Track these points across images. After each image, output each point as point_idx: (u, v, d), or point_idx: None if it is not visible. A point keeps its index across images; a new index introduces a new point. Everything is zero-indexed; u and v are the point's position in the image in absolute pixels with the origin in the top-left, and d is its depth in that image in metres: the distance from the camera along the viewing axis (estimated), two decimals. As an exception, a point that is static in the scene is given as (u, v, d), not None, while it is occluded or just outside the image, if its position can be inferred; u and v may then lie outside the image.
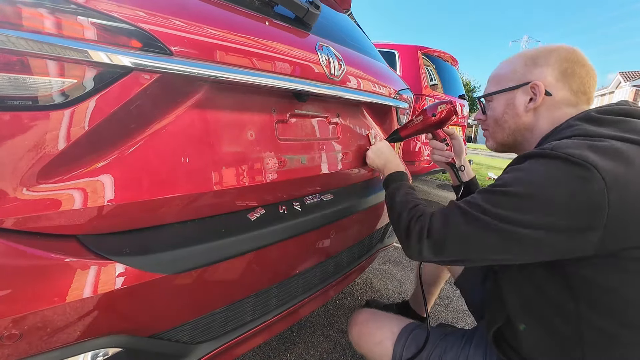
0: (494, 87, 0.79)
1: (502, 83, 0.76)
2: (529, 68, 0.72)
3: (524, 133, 0.75)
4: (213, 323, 0.73)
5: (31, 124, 0.45)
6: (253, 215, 0.74)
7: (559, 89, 0.69)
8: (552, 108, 0.70)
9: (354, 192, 1.07)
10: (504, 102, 0.76)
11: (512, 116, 0.75)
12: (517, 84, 0.73)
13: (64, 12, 0.45)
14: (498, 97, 0.77)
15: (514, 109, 0.74)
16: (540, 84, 0.69)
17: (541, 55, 0.71)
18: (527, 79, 0.71)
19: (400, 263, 2.10)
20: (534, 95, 0.70)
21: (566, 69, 0.68)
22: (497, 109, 0.78)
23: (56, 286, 0.47)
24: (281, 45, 0.77)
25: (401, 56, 3.32)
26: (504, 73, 0.77)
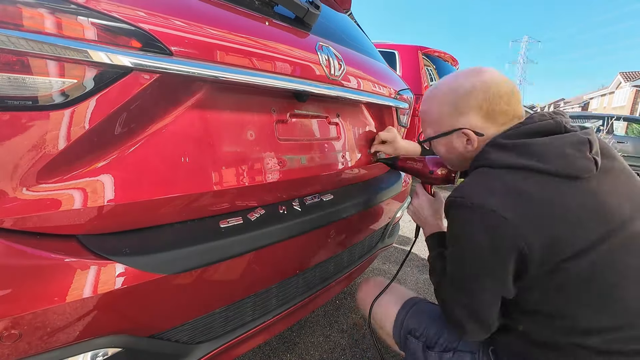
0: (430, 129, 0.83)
1: (435, 128, 0.81)
2: (453, 116, 0.75)
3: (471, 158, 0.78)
4: (213, 323, 0.73)
5: (31, 124, 0.45)
6: (253, 215, 0.74)
7: (488, 128, 0.73)
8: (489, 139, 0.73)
9: (354, 192, 1.07)
10: (444, 145, 0.81)
11: (455, 155, 0.81)
12: (449, 130, 0.77)
13: (64, 12, 0.45)
14: (436, 140, 0.82)
15: (455, 150, 0.79)
16: (469, 131, 0.73)
17: (460, 101, 0.74)
18: (455, 126, 0.76)
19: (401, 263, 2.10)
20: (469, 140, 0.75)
21: (487, 111, 0.72)
22: (439, 149, 0.84)
23: (56, 286, 0.47)
24: (281, 45, 0.77)
25: (401, 56, 3.32)
26: (435, 119, 0.80)
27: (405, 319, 0.87)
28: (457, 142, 0.77)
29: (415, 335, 0.84)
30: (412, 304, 0.90)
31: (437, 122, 0.80)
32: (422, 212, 0.96)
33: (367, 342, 1.34)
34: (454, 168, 0.90)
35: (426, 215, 0.95)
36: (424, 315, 0.87)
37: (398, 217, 1.44)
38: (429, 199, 0.97)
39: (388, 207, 1.24)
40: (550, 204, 0.60)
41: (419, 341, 0.83)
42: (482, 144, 0.74)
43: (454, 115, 0.75)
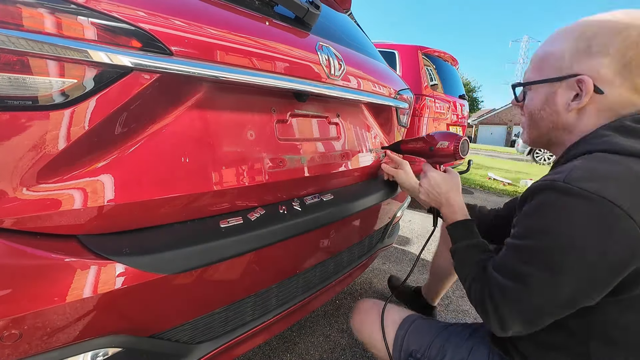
0: (534, 73, 0.65)
1: (544, 70, 0.62)
2: (579, 56, 0.57)
3: (562, 134, 0.63)
4: (213, 323, 0.73)
5: (31, 124, 0.45)
6: (253, 215, 0.74)
7: (616, 86, 0.55)
8: (604, 109, 0.57)
9: (354, 192, 1.07)
10: (543, 96, 0.63)
11: (549, 114, 0.63)
12: (560, 76, 0.59)
13: (64, 12, 0.45)
14: (536, 88, 0.64)
15: (553, 106, 0.61)
16: (588, 79, 0.55)
17: (601, 37, 0.55)
18: (573, 71, 0.57)
19: (401, 263, 2.10)
20: (580, 92, 0.57)
21: (630, 61, 0.53)
22: (534, 101, 0.65)
23: (56, 286, 0.47)
24: (281, 45, 0.77)
25: (401, 56, 3.32)
26: (549, 56, 0.62)
27: (404, 341, 0.81)
28: (562, 97, 0.59)
29: (417, 357, 0.78)
30: (410, 323, 0.84)
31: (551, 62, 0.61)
32: (440, 189, 0.82)
33: (367, 342, 1.34)
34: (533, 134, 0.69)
35: (443, 192, 0.81)
36: (423, 334, 0.81)
37: (398, 217, 1.45)
38: (441, 174, 0.84)
39: (388, 207, 1.24)
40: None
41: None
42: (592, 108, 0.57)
43: (580, 54, 0.57)
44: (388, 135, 1.32)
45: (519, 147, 10.97)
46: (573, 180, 0.49)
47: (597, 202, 0.46)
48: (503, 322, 0.57)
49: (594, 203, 0.46)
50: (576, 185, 0.48)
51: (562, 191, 0.50)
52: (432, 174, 0.85)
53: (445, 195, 0.82)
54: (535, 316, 0.55)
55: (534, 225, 0.54)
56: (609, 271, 0.48)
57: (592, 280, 0.49)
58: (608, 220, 0.46)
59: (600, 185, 0.47)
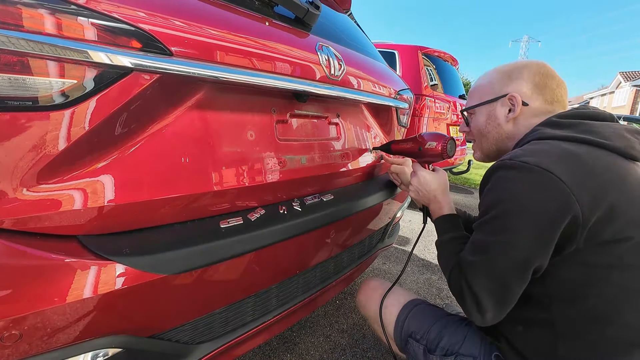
0: (475, 100, 0.83)
1: (482, 96, 0.82)
2: (505, 82, 0.77)
3: (506, 142, 0.79)
4: (213, 323, 0.73)
5: (31, 125, 0.45)
6: (253, 216, 0.74)
7: (534, 100, 0.74)
8: (530, 117, 0.74)
9: (354, 192, 1.07)
10: (486, 114, 0.81)
11: (494, 126, 0.79)
12: (495, 96, 0.78)
13: (64, 12, 0.45)
14: (480, 109, 0.82)
15: (495, 120, 0.79)
16: (517, 95, 0.74)
17: (515, 70, 0.77)
18: (504, 92, 0.77)
19: (401, 263, 2.10)
20: (512, 106, 0.75)
21: (538, 82, 0.74)
22: (479, 120, 0.83)
23: (56, 286, 0.47)
24: (281, 46, 0.77)
25: (401, 56, 3.31)
26: (483, 87, 0.82)
27: (406, 322, 0.87)
28: (500, 111, 0.77)
29: (416, 339, 0.83)
30: (413, 306, 0.89)
31: (484, 90, 0.81)
32: (428, 187, 0.90)
33: (367, 342, 1.34)
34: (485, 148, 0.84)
35: (432, 190, 0.89)
36: (424, 317, 0.86)
37: (398, 217, 1.44)
38: (431, 173, 0.92)
39: (388, 207, 1.24)
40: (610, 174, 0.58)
41: (420, 344, 0.82)
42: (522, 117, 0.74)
43: (504, 81, 0.77)
44: (388, 135, 1.32)
45: None
46: (515, 157, 0.62)
47: (535, 171, 0.58)
48: (478, 303, 0.63)
49: (533, 171, 0.58)
50: (518, 160, 0.60)
51: (508, 166, 0.62)
52: (421, 172, 0.93)
53: (433, 192, 0.90)
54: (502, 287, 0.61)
55: (490, 200, 0.65)
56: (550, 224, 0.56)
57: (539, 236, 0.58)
58: (544, 183, 0.57)
59: (537, 158, 0.59)
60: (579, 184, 0.55)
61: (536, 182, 0.57)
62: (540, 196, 0.57)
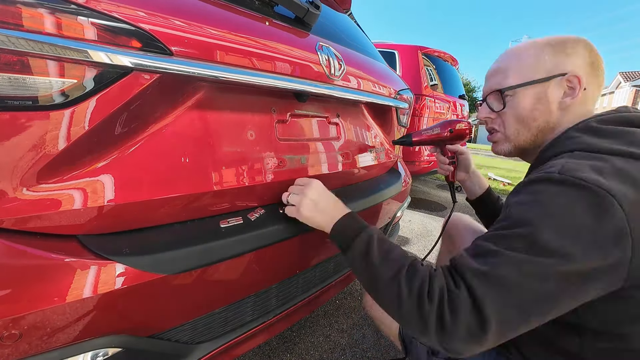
0: (515, 78, 0.65)
1: (525, 74, 0.64)
2: (559, 57, 0.62)
3: (548, 134, 0.65)
4: (213, 323, 0.73)
5: (31, 124, 0.45)
6: (253, 215, 0.74)
7: (590, 84, 0.61)
8: (582, 104, 0.62)
9: (354, 192, 1.07)
10: (533, 97, 0.64)
11: (542, 112, 0.64)
12: (549, 75, 0.62)
13: (64, 12, 0.45)
14: (523, 90, 0.65)
15: (547, 104, 0.63)
16: (580, 76, 0.60)
17: (568, 43, 0.62)
18: (560, 70, 0.61)
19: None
20: (570, 90, 0.61)
21: (593, 61, 0.61)
22: (522, 104, 0.65)
23: (56, 286, 0.47)
24: (281, 45, 0.77)
25: (401, 56, 3.32)
26: (526, 63, 0.65)
27: None
28: (554, 93, 0.62)
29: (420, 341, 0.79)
30: None
31: (529, 66, 0.64)
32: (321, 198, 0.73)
33: (367, 342, 1.34)
34: (521, 139, 0.69)
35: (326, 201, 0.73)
36: None
37: (398, 217, 1.44)
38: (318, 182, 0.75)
39: (388, 207, 1.24)
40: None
41: (424, 345, 0.79)
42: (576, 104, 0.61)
43: (560, 56, 0.61)
44: (388, 135, 1.32)
45: None
46: (568, 171, 0.50)
47: (594, 190, 0.47)
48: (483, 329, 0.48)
49: (590, 191, 0.47)
50: (571, 175, 0.49)
51: (559, 181, 0.50)
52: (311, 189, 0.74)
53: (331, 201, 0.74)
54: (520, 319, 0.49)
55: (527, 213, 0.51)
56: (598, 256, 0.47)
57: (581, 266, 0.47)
58: (604, 208, 0.46)
59: (594, 175, 0.48)
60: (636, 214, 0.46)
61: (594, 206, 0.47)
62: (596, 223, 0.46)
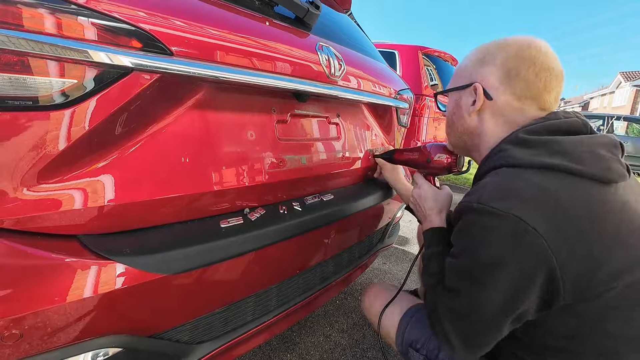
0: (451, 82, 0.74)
1: (456, 80, 0.72)
2: (476, 66, 0.66)
3: (472, 138, 0.70)
4: (213, 323, 0.73)
5: (32, 124, 0.45)
6: (253, 215, 0.74)
7: (501, 93, 0.63)
8: (497, 114, 0.65)
9: (354, 192, 1.07)
10: (453, 101, 0.72)
11: (458, 117, 0.71)
12: (464, 84, 0.69)
13: (64, 12, 0.45)
14: (451, 95, 0.73)
15: (460, 111, 0.70)
16: (479, 86, 0.64)
17: (492, 51, 0.65)
18: (472, 79, 0.67)
19: (401, 263, 2.10)
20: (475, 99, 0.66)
21: (510, 70, 0.61)
22: (448, 107, 0.74)
23: (57, 286, 0.47)
24: (281, 46, 0.77)
25: (401, 56, 3.32)
26: (459, 69, 0.72)
27: (407, 330, 0.82)
28: (465, 101, 0.68)
29: (416, 348, 0.79)
30: (413, 313, 0.85)
31: (459, 73, 0.71)
32: (425, 203, 0.84)
33: (367, 342, 1.34)
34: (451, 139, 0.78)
35: (428, 207, 0.83)
36: (424, 326, 0.81)
37: (398, 217, 1.45)
38: (433, 189, 0.85)
39: (388, 207, 1.24)
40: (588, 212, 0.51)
41: (420, 354, 0.78)
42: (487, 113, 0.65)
43: (476, 65, 0.67)
44: (388, 135, 1.32)
45: None
46: (484, 200, 0.55)
47: (506, 219, 0.52)
48: (447, 338, 0.62)
49: (503, 220, 0.52)
50: (488, 205, 0.54)
51: (477, 211, 0.56)
52: (425, 187, 0.86)
53: (429, 212, 0.84)
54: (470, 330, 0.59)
55: (461, 244, 0.61)
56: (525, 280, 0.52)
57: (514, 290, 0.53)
58: (518, 236, 0.51)
59: (507, 203, 0.52)
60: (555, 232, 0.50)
61: (509, 234, 0.51)
62: (514, 250, 0.51)
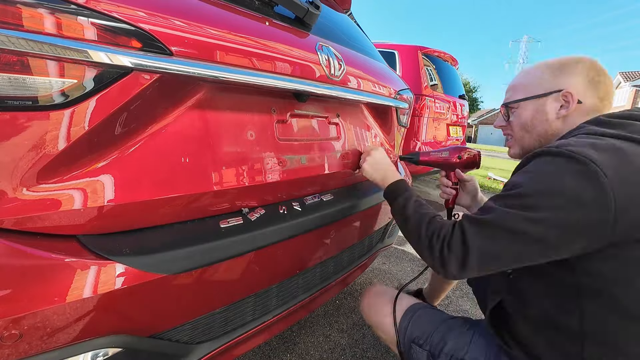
0: (520, 94, 0.79)
1: (529, 90, 0.78)
2: (557, 77, 0.74)
3: (551, 139, 0.76)
4: (213, 323, 0.73)
5: (31, 124, 0.45)
6: (253, 215, 0.74)
7: (588, 97, 0.71)
8: (582, 115, 0.72)
9: (354, 192, 1.07)
10: (533, 109, 0.77)
11: (541, 122, 0.76)
12: (546, 92, 0.75)
13: (64, 12, 0.45)
14: (526, 104, 0.78)
15: (544, 115, 0.75)
16: (574, 92, 0.71)
17: (568, 64, 0.74)
18: (557, 87, 0.73)
19: (401, 263, 2.10)
20: (566, 103, 0.72)
21: (593, 78, 0.71)
22: (523, 115, 0.79)
23: (56, 286, 0.47)
24: (281, 46, 0.77)
25: (401, 56, 3.32)
26: (530, 81, 0.78)
27: (409, 327, 0.85)
28: (550, 107, 0.74)
29: (419, 344, 0.82)
30: (414, 311, 0.88)
31: (533, 84, 0.77)
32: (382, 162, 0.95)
33: (367, 341, 1.34)
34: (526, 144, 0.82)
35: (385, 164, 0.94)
36: (426, 322, 0.85)
37: (398, 217, 1.44)
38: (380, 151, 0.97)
39: (388, 207, 1.24)
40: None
41: (424, 350, 0.81)
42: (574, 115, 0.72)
43: (557, 75, 0.74)
44: (388, 135, 1.32)
45: None
46: (563, 145, 0.60)
47: (581, 161, 0.56)
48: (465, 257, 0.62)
49: (579, 161, 0.56)
50: (565, 149, 0.59)
51: (554, 153, 0.60)
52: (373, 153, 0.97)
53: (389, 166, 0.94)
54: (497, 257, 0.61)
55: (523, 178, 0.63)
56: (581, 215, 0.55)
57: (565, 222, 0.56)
58: (587, 174, 0.55)
59: (584, 149, 0.57)
60: (621, 181, 0.54)
61: (579, 172, 0.55)
62: (579, 185, 0.55)
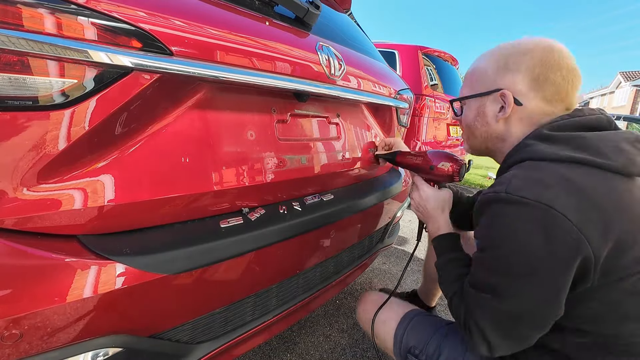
0: (467, 89, 0.74)
1: (474, 86, 0.72)
2: (499, 73, 0.67)
3: (496, 142, 0.72)
4: (213, 323, 0.73)
5: (32, 124, 0.45)
6: (253, 215, 0.74)
7: (531, 99, 0.64)
8: (525, 118, 0.66)
9: (354, 192, 1.07)
10: (475, 109, 0.72)
11: (482, 124, 0.72)
12: (486, 91, 0.69)
13: (64, 12, 0.45)
14: (469, 102, 0.73)
15: (484, 117, 0.70)
16: (509, 93, 0.65)
17: (513, 57, 0.66)
18: (496, 86, 0.67)
19: (401, 263, 2.10)
20: (504, 105, 0.67)
21: (538, 76, 0.63)
22: (468, 114, 0.75)
23: (56, 286, 0.47)
24: (281, 45, 0.77)
25: (401, 56, 3.31)
26: (477, 75, 0.72)
27: (404, 336, 0.83)
28: (490, 108, 0.68)
29: (415, 354, 0.79)
30: (410, 319, 0.86)
31: (478, 79, 0.71)
32: (428, 204, 0.85)
33: (367, 342, 1.34)
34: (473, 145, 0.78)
35: (431, 208, 0.84)
36: (422, 330, 0.82)
37: (398, 217, 1.44)
38: (432, 190, 0.87)
39: (388, 207, 1.24)
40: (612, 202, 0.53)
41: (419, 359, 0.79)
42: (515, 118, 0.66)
43: (500, 71, 0.66)
44: (388, 135, 1.32)
45: None
46: (512, 190, 0.56)
47: (536, 207, 0.52)
48: (485, 337, 0.60)
49: (533, 208, 0.52)
50: (516, 194, 0.55)
51: (505, 201, 0.56)
52: (424, 188, 0.88)
53: (433, 212, 0.85)
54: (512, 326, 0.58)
55: (489, 236, 0.61)
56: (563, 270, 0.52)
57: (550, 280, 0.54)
58: (549, 223, 0.51)
59: (536, 191, 0.53)
60: (586, 220, 0.51)
61: (539, 222, 0.52)
62: (547, 239, 0.52)
